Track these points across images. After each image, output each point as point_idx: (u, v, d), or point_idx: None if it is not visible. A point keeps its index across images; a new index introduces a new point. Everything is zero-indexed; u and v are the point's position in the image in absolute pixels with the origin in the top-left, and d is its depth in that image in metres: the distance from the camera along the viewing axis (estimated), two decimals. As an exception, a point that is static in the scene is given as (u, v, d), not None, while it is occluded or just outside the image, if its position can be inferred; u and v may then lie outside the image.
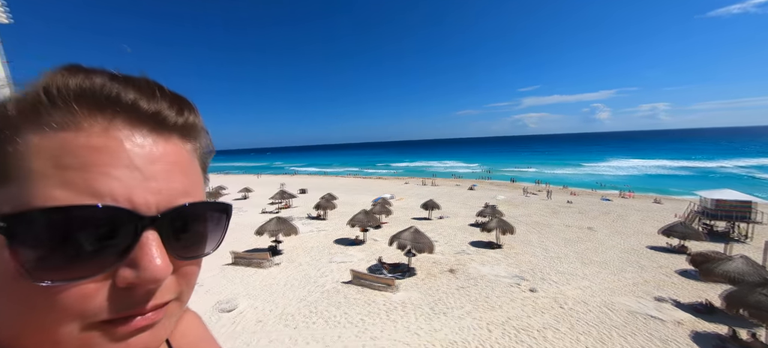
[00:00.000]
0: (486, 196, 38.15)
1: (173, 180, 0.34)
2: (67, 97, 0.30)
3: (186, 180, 0.36)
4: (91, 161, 0.29)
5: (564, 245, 19.98)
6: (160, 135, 0.34)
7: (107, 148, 0.30)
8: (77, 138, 0.29)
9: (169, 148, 0.35)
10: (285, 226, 19.10)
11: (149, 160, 0.32)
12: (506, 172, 68.23)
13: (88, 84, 0.31)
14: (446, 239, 21.72)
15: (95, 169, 0.29)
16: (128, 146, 0.31)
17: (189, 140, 0.38)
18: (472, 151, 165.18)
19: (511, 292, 13.98)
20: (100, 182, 0.29)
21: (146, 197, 0.31)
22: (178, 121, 0.35)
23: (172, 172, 0.34)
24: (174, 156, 0.35)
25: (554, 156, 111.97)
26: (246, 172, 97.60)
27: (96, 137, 0.30)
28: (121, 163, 0.30)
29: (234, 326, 11.46)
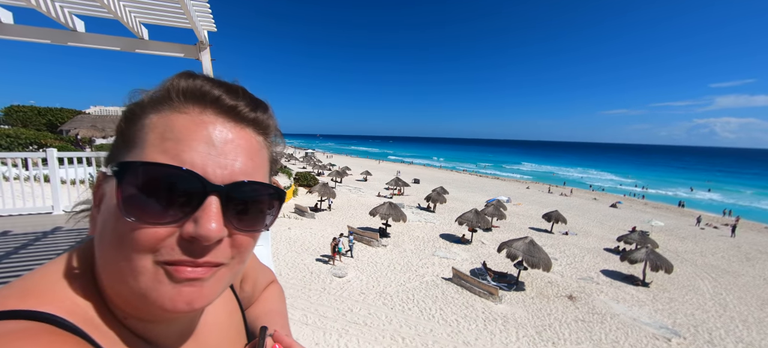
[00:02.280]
0: (635, 219, 30.63)
1: (239, 160, 0.43)
2: (178, 92, 0.43)
3: (250, 163, 0.44)
4: (183, 136, 0.40)
5: (758, 307, 14.23)
6: (236, 124, 0.44)
7: (195, 128, 0.41)
8: (177, 119, 0.41)
9: (241, 134, 0.44)
10: (395, 212, 20.23)
11: (223, 141, 0.42)
12: (671, 193, 52.71)
13: (191, 83, 0.43)
14: (569, 260, 18.64)
15: (184, 142, 0.40)
16: (210, 129, 0.42)
17: (261, 134, 0.48)
18: (623, 161, 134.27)
19: (655, 345, 10.98)
20: (186, 152, 0.39)
21: (215, 169, 0.40)
22: (250, 116, 0.46)
23: (240, 154, 0.43)
24: (244, 142, 0.45)
25: (760, 179, 79.27)
26: (369, 157, 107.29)
27: (189, 120, 0.41)
28: (202, 140, 0.41)
29: (342, 291, 13.01)
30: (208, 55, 2.69)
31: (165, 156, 0.38)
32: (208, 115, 0.42)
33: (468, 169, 80.00)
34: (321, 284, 13.41)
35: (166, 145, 0.39)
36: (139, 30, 2.57)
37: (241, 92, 0.46)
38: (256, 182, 0.44)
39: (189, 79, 0.44)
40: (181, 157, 0.39)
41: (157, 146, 0.39)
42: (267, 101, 0.50)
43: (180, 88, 0.43)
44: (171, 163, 0.38)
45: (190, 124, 0.41)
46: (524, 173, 76.73)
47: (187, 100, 0.43)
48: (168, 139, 0.39)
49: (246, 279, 0.75)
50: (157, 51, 2.70)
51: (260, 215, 0.46)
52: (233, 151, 0.43)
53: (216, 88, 0.44)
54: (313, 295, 12.46)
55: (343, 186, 39.17)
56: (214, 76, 0.48)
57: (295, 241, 18.17)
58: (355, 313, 11.55)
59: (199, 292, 0.40)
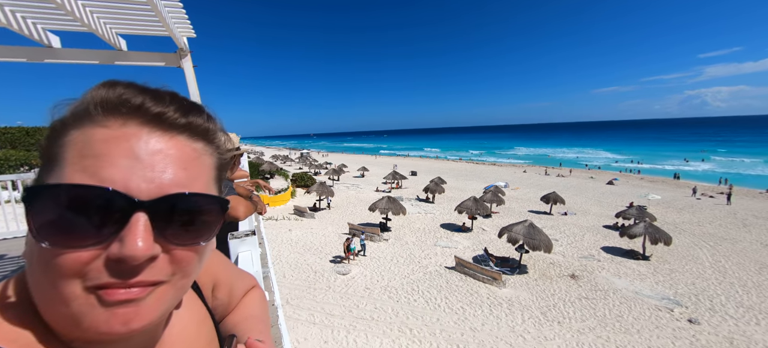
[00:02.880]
0: (632, 194, 30.90)
1: (168, 171, 0.39)
2: (96, 104, 0.39)
3: (183, 174, 0.40)
4: (102, 152, 0.37)
5: (757, 271, 14.46)
6: (165, 133, 0.40)
7: (116, 142, 0.37)
8: (96, 134, 0.38)
9: (172, 144, 0.40)
10: (395, 206, 20.25)
11: (150, 153, 0.38)
12: (666, 167, 53.14)
13: (109, 93, 0.39)
14: (569, 239, 18.81)
15: (104, 158, 0.36)
16: (133, 141, 0.38)
17: (198, 140, 0.43)
18: (617, 138, 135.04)
19: (658, 317, 11.14)
20: (105, 169, 0.36)
21: (140, 184, 0.37)
22: (180, 122, 0.41)
23: (169, 165, 0.39)
24: (176, 151, 0.40)
25: (754, 146, 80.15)
26: (364, 153, 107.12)
27: (109, 133, 0.38)
28: (124, 153, 0.37)
29: (347, 288, 13.04)
30: (189, 62, 2.62)
31: (84, 174, 0.35)
32: (130, 126, 0.38)
33: (464, 157, 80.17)
34: (325, 283, 13.44)
35: (85, 163, 0.36)
36: (116, 42, 2.50)
37: (170, 97, 0.42)
38: (188, 194, 0.40)
39: (108, 88, 0.40)
40: (100, 174, 0.35)
41: (76, 164, 0.36)
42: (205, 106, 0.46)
43: (98, 99, 0.39)
44: (90, 181, 0.35)
45: (110, 138, 0.37)
46: (520, 157, 76.99)
47: (106, 111, 0.38)
48: (87, 155, 0.36)
49: (219, 286, 0.70)
50: (137, 62, 2.64)
51: (200, 227, 0.42)
52: (162, 162, 0.39)
53: (138, 96, 0.39)
54: (319, 294, 12.49)
55: (340, 183, 39.12)
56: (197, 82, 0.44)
57: (296, 243, 18.16)
58: (362, 308, 11.60)
59: (135, 312, 0.37)
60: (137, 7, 2.21)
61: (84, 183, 0.35)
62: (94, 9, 2.24)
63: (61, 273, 0.35)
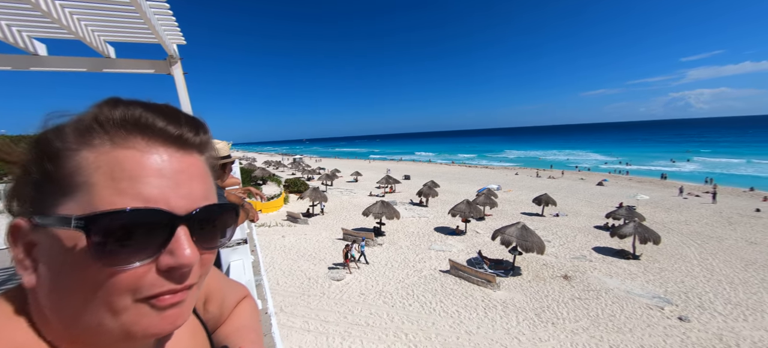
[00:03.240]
0: (621, 195, 31.44)
1: (195, 186, 0.44)
2: (116, 124, 0.40)
3: (204, 186, 0.46)
4: (136, 174, 0.39)
5: (743, 268, 14.81)
6: (184, 151, 0.44)
7: (147, 162, 0.40)
8: (125, 156, 0.39)
9: (190, 161, 0.45)
10: (388, 210, 20.23)
11: (177, 171, 0.42)
12: (656, 166, 54.25)
13: (127, 114, 0.41)
14: (561, 240, 19.01)
15: (140, 180, 0.39)
16: (161, 161, 0.41)
17: (203, 154, 0.49)
18: (605, 140, 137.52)
19: (650, 315, 11.31)
20: (145, 190, 0.39)
21: (178, 201, 0.41)
22: (195, 141, 0.46)
23: (194, 180, 0.44)
24: (194, 168, 0.45)
25: (736, 146, 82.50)
26: (357, 157, 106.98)
27: (139, 155, 0.40)
28: (157, 173, 0.40)
29: (341, 294, 12.94)
30: (179, 69, 2.60)
31: (123, 197, 0.37)
32: (155, 147, 0.41)
33: (456, 161, 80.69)
34: (320, 289, 13.32)
35: (120, 186, 0.38)
36: (104, 49, 2.46)
37: (183, 118, 0.45)
38: (214, 204, 0.46)
39: (122, 108, 0.41)
40: (142, 195, 0.38)
41: (110, 187, 0.37)
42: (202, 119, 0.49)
43: (116, 119, 0.40)
44: (132, 203, 0.38)
45: (141, 160, 0.40)
46: (511, 160, 77.80)
47: (128, 132, 0.40)
48: (120, 178, 0.38)
49: (210, 300, 0.71)
50: (125, 69, 2.59)
51: (221, 232, 0.49)
52: (187, 179, 0.43)
53: (158, 119, 0.42)
54: (313, 301, 12.36)
55: (334, 188, 38.96)
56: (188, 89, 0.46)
57: (290, 249, 17.99)
58: (357, 314, 11.51)
59: (179, 312, 0.42)
60: (125, 14, 2.18)
61: (133, 206, 0.37)
62: (81, 16, 2.21)
63: (117, 290, 0.37)
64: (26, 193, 0.40)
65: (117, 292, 0.37)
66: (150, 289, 0.39)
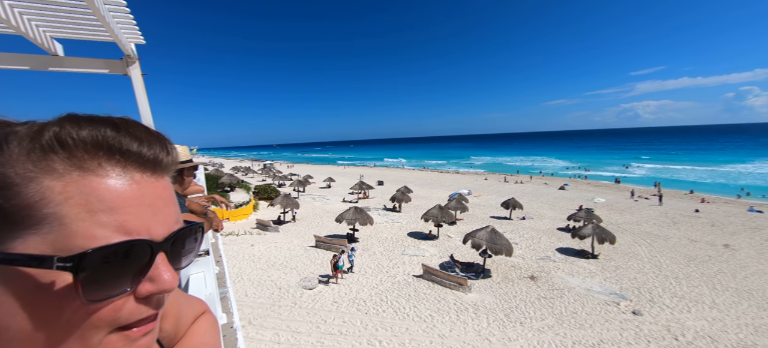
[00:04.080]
0: (581, 198, 33.52)
1: (169, 210, 0.43)
2: (85, 148, 0.36)
3: (176, 207, 0.44)
4: (116, 204, 0.36)
5: (685, 264, 16.27)
6: (159, 175, 0.42)
7: (125, 190, 0.37)
8: (101, 185, 0.35)
9: (163, 183, 0.43)
10: (361, 216, 20.12)
11: (154, 197, 0.40)
12: (610, 172, 58.49)
13: (100, 136, 0.37)
14: (528, 242, 19.88)
15: (121, 210, 0.36)
16: (139, 189, 0.39)
17: (170, 173, 0.47)
18: (566, 147, 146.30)
19: (607, 311, 12.06)
20: (127, 221, 0.36)
21: (157, 228, 0.40)
22: (168, 161, 0.43)
23: (168, 204, 0.43)
24: (167, 190, 0.44)
25: (678, 153, 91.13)
26: (330, 163, 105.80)
27: (117, 184, 0.37)
28: (137, 202, 0.38)
29: (314, 303, 12.63)
30: (138, 69, 2.42)
31: (104, 230, 0.35)
32: (131, 172, 0.38)
33: (428, 166, 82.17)
34: (291, 299, 12.91)
35: (100, 218, 0.34)
36: (51, 46, 2.26)
37: (155, 138, 0.42)
38: (186, 227, 0.46)
39: (89, 128, 0.36)
40: (125, 227, 0.36)
41: (87, 220, 0.34)
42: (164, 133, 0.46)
43: (85, 142, 0.36)
44: (116, 236, 0.35)
45: (119, 189, 0.37)
46: (481, 166, 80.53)
47: (100, 157, 0.36)
48: (98, 210, 0.35)
49: (165, 317, 0.67)
50: (75, 68, 2.38)
51: (191, 250, 0.49)
52: (164, 204, 0.41)
53: (132, 141, 0.39)
54: (284, 312, 11.96)
55: (306, 195, 38.18)
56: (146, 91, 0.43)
57: (259, 258, 17.32)
58: (329, 323, 11.27)
59: (151, 338, 0.41)
60: (75, 9, 2.02)
61: (111, 239, 0.35)
62: (24, 9, 2.02)
63: (94, 324, 0.36)
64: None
65: (94, 327, 0.35)
66: (127, 318, 0.37)
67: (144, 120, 2.53)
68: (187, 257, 0.48)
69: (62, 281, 0.33)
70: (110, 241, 0.35)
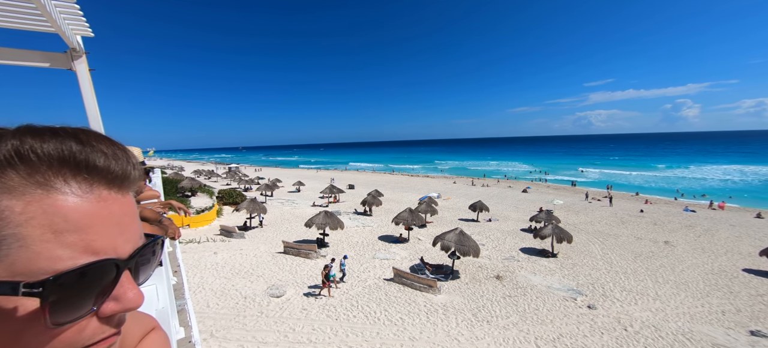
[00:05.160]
0: (541, 200, 35.48)
1: (134, 227, 0.42)
2: (50, 163, 0.33)
3: (139, 223, 0.44)
4: (83, 224, 0.34)
5: (633, 260, 17.75)
6: (125, 191, 0.41)
7: (92, 208, 0.35)
8: (66, 203, 0.33)
9: (128, 199, 0.42)
10: (332, 221, 19.84)
11: (121, 214, 0.39)
12: (566, 176, 62.57)
13: (65, 150, 0.34)
14: (494, 243, 20.67)
15: (88, 229, 0.34)
16: (107, 204, 0.37)
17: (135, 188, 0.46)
18: (528, 152, 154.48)
19: (566, 306, 12.82)
20: (94, 241, 0.35)
21: (124, 246, 0.39)
22: (135, 176, 0.41)
23: (133, 221, 0.42)
24: (132, 206, 0.42)
25: (625, 158, 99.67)
26: (299, 166, 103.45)
27: (83, 203, 0.34)
28: (104, 221, 0.36)
29: (281, 311, 12.22)
30: (84, 64, 2.20)
31: (71, 250, 0.33)
32: (98, 189, 0.37)
33: (396, 170, 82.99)
34: (257, 308, 12.39)
35: (66, 239, 0.32)
36: (-21, 35, 2.00)
37: (120, 152, 0.40)
38: (148, 243, 0.45)
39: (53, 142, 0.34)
40: (92, 247, 0.34)
41: (51, 241, 0.32)
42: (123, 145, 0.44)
43: (50, 158, 0.33)
44: (83, 257, 0.33)
45: (87, 208, 0.35)
46: (449, 170, 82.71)
47: (65, 173, 0.34)
48: (64, 230, 0.32)
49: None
50: (12, 61, 2.12)
51: (152, 264, 0.48)
52: (129, 220, 0.41)
53: (99, 156, 0.36)
54: (249, 322, 11.44)
55: (274, 199, 36.99)
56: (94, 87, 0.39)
57: (223, 266, 16.47)
58: (298, 332, 10.95)
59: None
60: (10, -5, 1.81)
61: (77, 260, 0.33)
62: (-56, -8, 1.78)
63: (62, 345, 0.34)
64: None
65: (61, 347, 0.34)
66: (90, 339, 0.36)
67: (91, 120, 2.32)
68: (146, 272, 0.46)
69: (24, 307, 0.31)
70: (77, 263, 0.33)
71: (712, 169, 66.80)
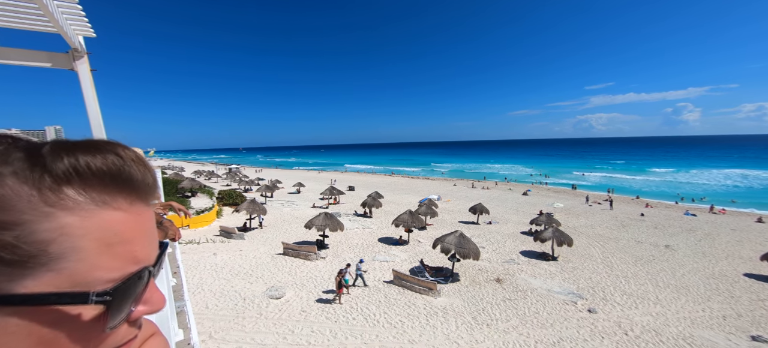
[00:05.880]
0: (541, 203, 35.42)
1: (156, 234, 0.45)
2: (102, 179, 0.35)
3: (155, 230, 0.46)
4: (128, 236, 0.37)
5: (633, 263, 17.70)
6: (151, 202, 0.43)
7: (134, 222, 0.38)
8: (114, 217, 0.36)
9: (151, 209, 0.44)
10: (332, 222, 19.82)
11: (150, 224, 0.43)
12: (567, 179, 62.50)
13: (113, 166, 0.36)
14: (494, 246, 20.63)
15: (132, 241, 0.38)
16: (142, 217, 0.40)
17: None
18: (528, 154, 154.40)
19: (566, 310, 12.77)
20: (137, 251, 0.38)
21: (153, 253, 0.43)
22: (156, 186, 0.44)
23: (155, 228, 0.45)
24: (154, 215, 0.46)
25: (626, 162, 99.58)
26: (301, 167, 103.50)
27: (127, 217, 0.37)
28: (142, 232, 0.40)
29: (281, 313, 12.19)
30: (86, 64, 2.20)
31: (120, 261, 0.36)
32: (136, 205, 0.39)
33: (396, 172, 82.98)
34: (256, 310, 12.37)
35: (116, 250, 0.36)
36: (-20, 34, 2.00)
37: (147, 165, 0.41)
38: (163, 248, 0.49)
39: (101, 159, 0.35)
40: (136, 257, 0.38)
41: (105, 253, 0.34)
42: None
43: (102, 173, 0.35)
44: (130, 267, 0.37)
45: (130, 221, 0.38)
46: (449, 172, 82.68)
47: (111, 189, 0.36)
48: (115, 243, 0.36)
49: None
50: (11, 60, 2.12)
51: (162, 268, 0.51)
52: (154, 230, 0.44)
53: (135, 170, 0.38)
54: (248, 324, 11.41)
55: (274, 200, 36.99)
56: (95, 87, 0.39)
57: (222, 267, 16.45)
58: (297, 334, 10.92)
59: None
60: (13, -5, 1.81)
61: (126, 269, 0.37)
62: (-54, -9, 1.78)
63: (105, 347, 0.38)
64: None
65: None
66: (121, 340, 0.39)
67: (93, 120, 2.32)
68: (157, 275, 0.48)
69: (85, 314, 0.34)
70: (126, 272, 0.36)
71: (713, 173, 66.72)
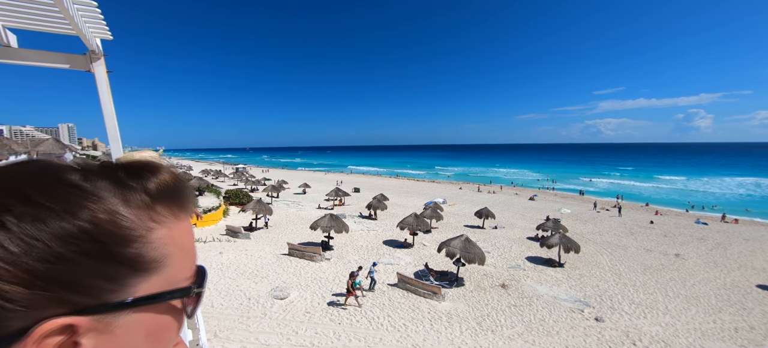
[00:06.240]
0: (548, 208, 35.05)
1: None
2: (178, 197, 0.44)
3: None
4: (190, 244, 0.46)
5: (642, 272, 17.39)
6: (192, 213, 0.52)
7: (191, 230, 0.48)
8: (184, 228, 0.45)
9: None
10: (337, 224, 19.86)
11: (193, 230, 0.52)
12: (574, 184, 61.77)
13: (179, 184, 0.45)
14: (500, 251, 20.45)
15: (192, 247, 0.47)
16: (191, 227, 0.49)
17: None
18: (535, 159, 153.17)
19: (572, 318, 12.59)
20: (194, 255, 0.48)
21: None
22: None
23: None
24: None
25: (636, 168, 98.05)
26: (307, 168, 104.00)
27: (187, 224, 0.46)
28: (194, 238, 0.50)
29: (285, 314, 12.22)
30: (102, 66, 2.26)
31: (190, 262, 0.46)
32: (185, 218, 0.47)
33: (402, 174, 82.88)
34: (261, 310, 12.42)
35: (188, 254, 0.45)
36: (3, 36, 2.06)
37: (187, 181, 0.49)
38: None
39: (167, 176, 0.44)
40: (195, 259, 0.48)
41: (184, 258, 0.44)
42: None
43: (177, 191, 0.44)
44: (194, 265, 0.47)
45: (190, 230, 0.47)
46: (456, 175, 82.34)
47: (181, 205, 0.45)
48: (187, 249, 0.45)
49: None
50: (31, 61, 2.18)
51: None
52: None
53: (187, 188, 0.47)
54: (253, 324, 11.47)
55: (280, 201, 37.21)
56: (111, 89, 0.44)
57: (228, 267, 16.58)
58: (301, 334, 10.94)
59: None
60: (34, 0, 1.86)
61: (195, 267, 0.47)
62: (-29, -6, 1.83)
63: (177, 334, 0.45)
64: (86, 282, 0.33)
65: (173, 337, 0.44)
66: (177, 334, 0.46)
67: (108, 121, 2.36)
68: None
69: (177, 306, 0.43)
70: (194, 270, 0.46)
71: (726, 181, 65.37)
